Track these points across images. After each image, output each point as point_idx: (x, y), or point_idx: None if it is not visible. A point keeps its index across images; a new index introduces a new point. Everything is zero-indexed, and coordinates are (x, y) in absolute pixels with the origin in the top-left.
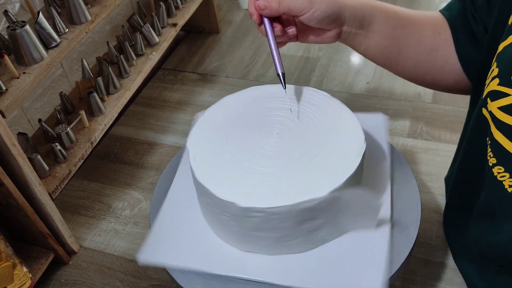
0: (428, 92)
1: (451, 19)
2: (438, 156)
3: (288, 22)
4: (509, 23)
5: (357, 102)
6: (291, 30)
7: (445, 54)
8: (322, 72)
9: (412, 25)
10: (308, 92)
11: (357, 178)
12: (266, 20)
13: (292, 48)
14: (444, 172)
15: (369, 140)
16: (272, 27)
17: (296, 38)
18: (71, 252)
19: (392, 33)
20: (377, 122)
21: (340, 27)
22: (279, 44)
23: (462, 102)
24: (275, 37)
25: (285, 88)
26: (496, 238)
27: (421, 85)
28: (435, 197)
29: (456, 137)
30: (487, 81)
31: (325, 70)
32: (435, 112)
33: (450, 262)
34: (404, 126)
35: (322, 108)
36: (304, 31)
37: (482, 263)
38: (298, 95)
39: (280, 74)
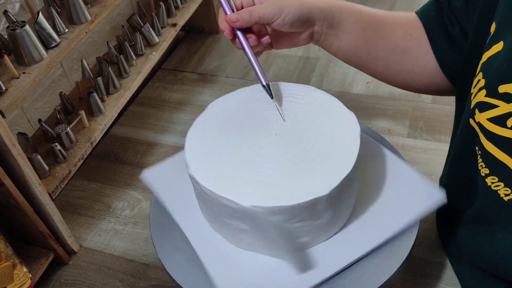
0: None
1: (426, 23)
2: (438, 156)
3: (259, 31)
4: (491, 31)
5: (357, 102)
6: (265, 39)
7: (415, 56)
8: (322, 72)
9: (382, 26)
10: (306, 90)
11: (344, 191)
12: (239, 33)
13: (292, 48)
14: None
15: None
16: (246, 39)
17: (270, 46)
18: (71, 252)
19: (361, 33)
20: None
21: (311, 29)
22: (255, 54)
23: None
24: (251, 47)
25: (272, 98)
26: (486, 246)
27: (393, 85)
28: None
29: None
30: (474, 91)
31: (325, 70)
32: (435, 112)
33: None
34: (404, 126)
35: (319, 107)
36: (277, 38)
37: (473, 266)
38: (297, 94)
39: (265, 85)
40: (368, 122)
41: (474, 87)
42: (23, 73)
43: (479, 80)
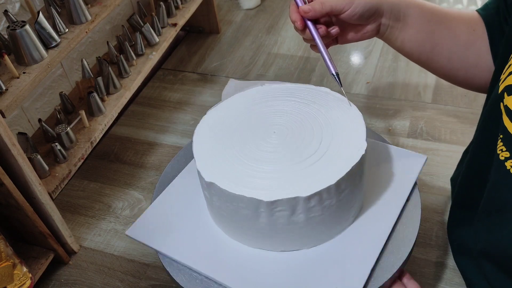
0: (428, 92)
1: (487, 18)
2: (438, 156)
3: (328, 24)
4: None
5: (357, 102)
6: (334, 30)
7: (478, 51)
8: (322, 72)
9: (447, 20)
10: (309, 89)
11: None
12: (310, 24)
13: (292, 48)
14: (445, 172)
15: (394, 173)
16: (317, 29)
17: (336, 41)
18: (71, 252)
19: (427, 27)
20: (413, 161)
21: (378, 21)
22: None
23: (462, 102)
24: (321, 38)
25: (341, 86)
26: (501, 233)
27: (454, 82)
28: (435, 197)
29: (456, 137)
30: (503, 77)
31: (325, 70)
32: (435, 112)
33: (450, 262)
34: (404, 126)
35: (325, 105)
36: (344, 30)
37: (482, 260)
38: (299, 93)
39: (335, 74)
40: (368, 122)
41: (504, 73)
42: (23, 73)
43: (510, 65)
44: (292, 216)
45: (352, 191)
